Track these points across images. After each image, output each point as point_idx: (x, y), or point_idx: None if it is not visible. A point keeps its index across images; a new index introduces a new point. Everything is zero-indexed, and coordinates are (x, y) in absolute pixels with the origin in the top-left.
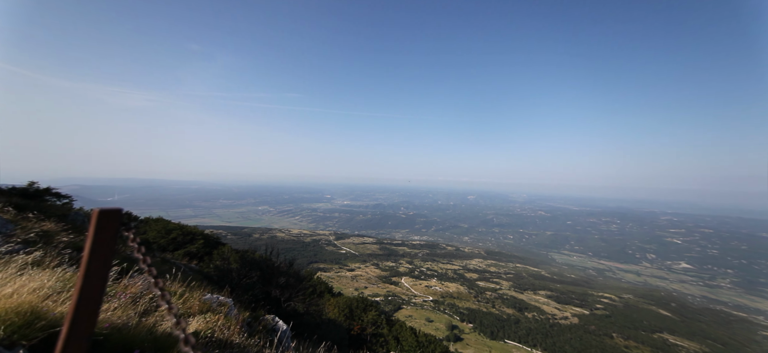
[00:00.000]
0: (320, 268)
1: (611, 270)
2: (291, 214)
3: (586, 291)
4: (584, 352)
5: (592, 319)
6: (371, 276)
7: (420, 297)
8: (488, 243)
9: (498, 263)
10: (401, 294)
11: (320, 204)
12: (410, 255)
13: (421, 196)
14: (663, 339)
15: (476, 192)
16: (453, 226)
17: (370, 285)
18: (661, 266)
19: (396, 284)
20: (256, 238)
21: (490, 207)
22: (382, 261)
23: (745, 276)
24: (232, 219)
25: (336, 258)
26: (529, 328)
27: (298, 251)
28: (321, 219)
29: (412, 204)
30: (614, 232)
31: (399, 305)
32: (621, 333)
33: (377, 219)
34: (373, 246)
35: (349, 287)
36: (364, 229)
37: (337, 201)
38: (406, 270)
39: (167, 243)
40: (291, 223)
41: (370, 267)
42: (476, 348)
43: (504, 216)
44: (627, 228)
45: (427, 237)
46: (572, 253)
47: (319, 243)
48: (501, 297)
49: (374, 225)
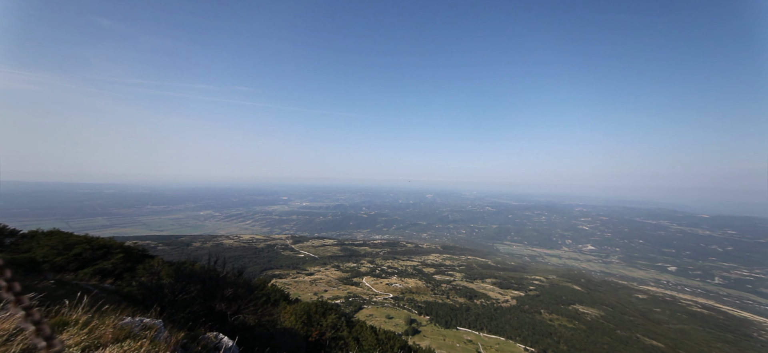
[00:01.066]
0: (276, 275)
1: (541, 255)
2: (241, 219)
3: (523, 275)
4: (519, 328)
5: (526, 300)
6: (332, 279)
7: (381, 296)
8: (444, 239)
9: (452, 256)
10: (362, 294)
11: (276, 206)
12: (372, 254)
13: (383, 196)
14: (575, 309)
15: (434, 190)
16: (413, 224)
17: (330, 288)
18: (575, 249)
19: (357, 284)
20: (197, 248)
21: (446, 204)
22: (343, 262)
23: (627, 253)
24: (165, 228)
25: (293, 262)
26: (478, 314)
27: (249, 258)
28: (277, 222)
29: (374, 204)
30: (543, 223)
31: (360, 305)
32: (547, 309)
33: (338, 220)
34: (334, 248)
35: (308, 292)
36: (325, 231)
37: (295, 203)
38: (367, 270)
39: (67, 261)
40: (241, 228)
41: (331, 270)
42: (432, 338)
43: (458, 212)
44: (552, 219)
45: (388, 235)
46: (512, 243)
47: (275, 248)
48: (454, 288)
49: (335, 226)
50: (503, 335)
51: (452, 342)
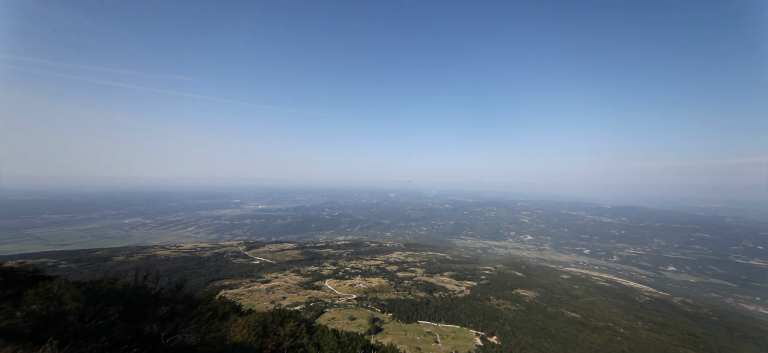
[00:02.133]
0: (225, 286)
1: (491, 247)
2: (181, 226)
3: (476, 266)
4: (472, 316)
5: (478, 289)
6: (291, 285)
7: (344, 297)
8: (407, 236)
9: (414, 253)
10: (324, 297)
11: (225, 210)
12: (335, 256)
13: (347, 196)
14: (517, 293)
15: (397, 190)
16: (377, 223)
17: (289, 294)
18: (517, 240)
19: (319, 288)
20: (120, 263)
21: (408, 203)
22: (304, 266)
23: (555, 240)
24: (72, 241)
25: (247, 270)
26: (437, 306)
27: (192, 270)
28: (227, 228)
29: (337, 205)
30: (493, 218)
31: (322, 309)
32: (495, 295)
33: (299, 222)
34: (294, 252)
35: (264, 301)
36: (284, 234)
37: (249, 206)
38: (330, 272)
39: None
40: (181, 237)
41: (290, 275)
42: (394, 334)
43: (419, 210)
44: (500, 214)
45: (352, 236)
46: (467, 237)
47: (224, 256)
48: (416, 283)
49: (296, 229)
50: (458, 323)
51: (413, 335)
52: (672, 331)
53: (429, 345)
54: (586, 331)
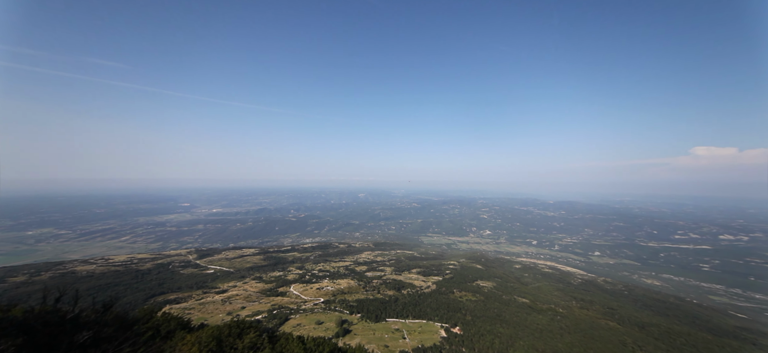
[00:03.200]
0: (170, 301)
1: (455, 243)
2: (112, 235)
3: (441, 262)
4: (438, 309)
5: (443, 283)
6: (252, 293)
7: (311, 302)
8: (376, 236)
9: (383, 252)
10: (289, 303)
11: (171, 215)
12: (301, 260)
13: (314, 197)
14: (477, 284)
15: (366, 189)
16: (346, 224)
17: (249, 303)
18: (478, 235)
19: (284, 294)
20: (20, 284)
21: (378, 203)
22: (266, 272)
23: (510, 233)
24: None
25: (199, 281)
26: (405, 303)
27: (126, 286)
28: (173, 235)
29: (304, 206)
30: (456, 215)
31: (287, 316)
32: (458, 288)
33: (261, 226)
34: (255, 258)
35: (220, 313)
36: (244, 239)
37: (201, 210)
38: (296, 277)
39: None
40: (111, 248)
41: (251, 283)
42: (362, 334)
43: (388, 210)
44: (463, 211)
45: (320, 238)
46: (434, 234)
47: (170, 267)
48: (385, 282)
49: (257, 233)
50: (425, 318)
51: (381, 334)
52: (597, 307)
53: (397, 342)
54: (534, 314)
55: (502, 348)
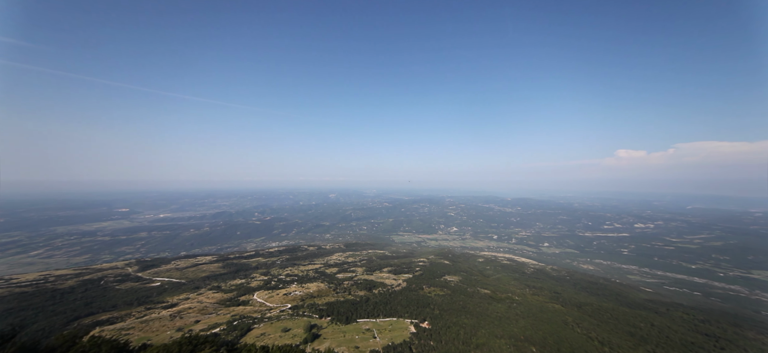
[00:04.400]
0: (102, 322)
1: (424, 241)
2: (17, 250)
3: (411, 260)
4: (408, 306)
5: (414, 280)
6: (208, 305)
7: (277, 308)
8: (347, 237)
9: (355, 253)
10: (253, 312)
11: (104, 223)
12: (266, 265)
13: (281, 198)
14: (445, 279)
15: (337, 190)
16: (316, 226)
17: (204, 316)
18: (446, 232)
19: (246, 303)
20: None
21: (349, 203)
22: (226, 281)
23: (474, 229)
24: None
25: (141, 296)
26: (376, 302)
27: (38, 309)
28: (106, 246)
29: (270, 208)
30: (426, 213)
31: (249, 326)
32: (427, 284)
33: (219, 230)
34: (213, 266)
35: (168, 330)
36: (199, 246)
37: (144, 216)
38: (260, 284)
39: None
40: (15, 265)
41: (207, 293)
42: (332, 337)
43: (360, 210)
44: (432, 209)
45: (288, 241)
46: (404, 233)
47: (102, 283)
48: (356, 282)
49: (215, 239)
50: (396, 315)
51: (352, 335)
52: (545, 292)
53: (367, 342)
54: (494, 303)
55: (466, 337)
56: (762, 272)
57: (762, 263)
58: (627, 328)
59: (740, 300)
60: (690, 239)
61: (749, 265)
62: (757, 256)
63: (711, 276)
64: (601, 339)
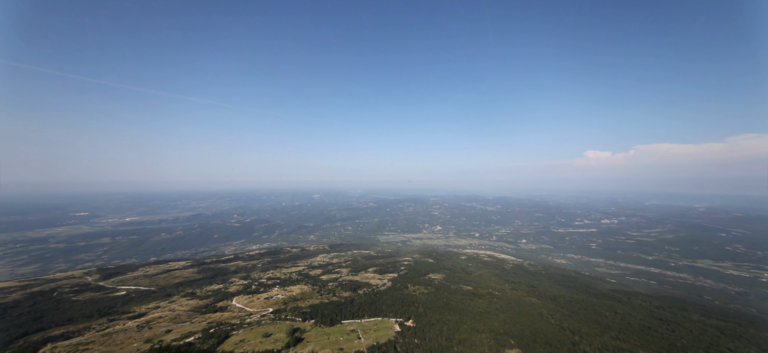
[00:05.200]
0: (55, 338)
1: (409, 240)
2: None
3: (396, 259)
4: (393, 305)
5: (399, 279)
6: (180, 313)
7: (257, 313)
8: (332, 238)
9: (340, 254)
10: (231, 319)
11: (58, 229)
12: (246, 268)
13: (262, 200)
14: (429, 277)
15: (321, 190)
16: (299, 227)
17: (177, 325)
18: (430, 231)
19: (224, 309)
20: None
21: (334, 203)
22: (201, 286)
23: (457, 228)
24: None
25: (103, 307)
26: (361, 303)
27: None
28: (60, 254)
29: (250, 210)
30: (411, 213)
31: (227, 333)
32: (411, 283)
33: (194, 234)
34: (187, 271)
35: (135, 342)
36: (172, 251)
37: (107, 220)
38: (239, 288)
39: None
40: None
41: (181, 301)
42: (316, 340)
43: (345, 210)
44: (416, 208)
45: (269, 243)
46: (390, 232)
47: (54, 294)
48: (341, 284)
49: (189, 243)
50: (381, 315)
51: (336, 337)
52: (523, 286)
53: (352, 343)
54: (476, 299)
55: (449, 333)
56: (704, 261)
57: (705, 253)
58: (594, 317)
59: (687, 286)
60: (647, 233)
61: (694, 255)
62: (700, 247)
63: (664, 266)
64: (572, 329)
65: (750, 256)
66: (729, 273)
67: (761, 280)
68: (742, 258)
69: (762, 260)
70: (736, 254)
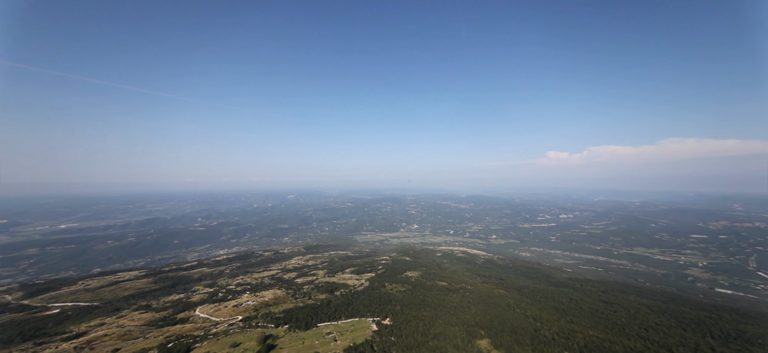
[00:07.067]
0: None
1: (387, 239)
2: None
3: (374, 259)
4: (370, 305)
5: (376, 278)
6: (132, 329)
7: (224, 323)
8: (308, 239)
9: (316, 255)
10: (193, 331)
11: None
12: (212, 275)
13: (231, 201)
14: (406, 275)
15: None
16: (273, 229)
17: (127, 342)
18: (407, 229)
19: (185, 321)
20: None
21: (310, 204)
22: (158, 298)
23: (433, 226)
24: None
25: (28, 329)
26: (338, 304)
27: None
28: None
29: (217, 212)
30: (388, 212)
31: (189, 347)
32: (389, 281)
33: (149, 240)
34: (140, 282)
35: None
36: (121, 261)
37: (35, 228)
38: (203, 297)
39: None
40: None
41: (132, 315)
42: (290, 346)
43: (321, 210)
44: (394, 208)
45: (239, 247)
46: (368, 232)
47: None
48: (317, 286)
49: (143, 251)
50: (358, 315)
51: (312, 341)
52: (493, 279)
53: (328, 346)
54: (450, 294)
55: (424, 329)
56: (639, 248)
57: (639, 241)
58: (553, 304)
59: (626, 271)
60: (597, 225)
61: (632, 244)
62: (636, 237)
63: (609, 254)
64: (535, 316)
65: (672, 243)
66: (657, 258)
67: (679, 263)
68: (667, 245)
69: (681, 245)
70: (662, 241)
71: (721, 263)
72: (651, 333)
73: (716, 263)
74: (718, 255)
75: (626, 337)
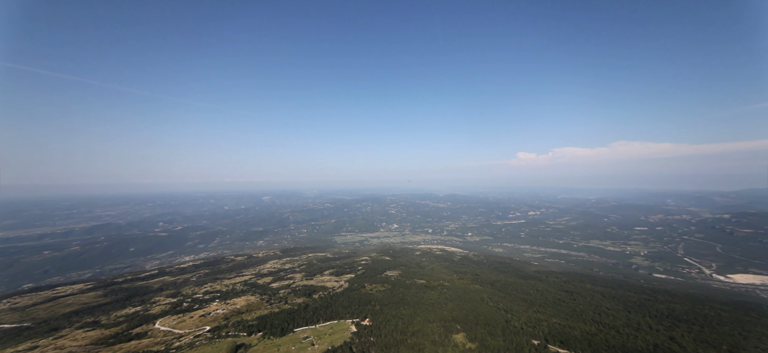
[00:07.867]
0: None
1: (367, 239)
2: None
3: (354, 259)
4: (349, 306)
5: (356, 279)
6: (75, 349)
7: (190, 335)
8: (284, 242)
9: (293, 258)
10: (152, 346)
11: None
12: (175, 284)
13: (198, 203)
14: (386, 275)
15: (272, 192)
16: (247, 233)
17: None
18: (387, 229)
19: (142, 335)
20: None
21: (287, 205)
22: (109, 312)
23: (413, 225)
24: None
25: None
26: (316, 308)
27: None
28: None
29: (182, 216)
30: (368, 212)
31: None
32: (368, 282)
33: (99, 249)
34: (86, 296)
35: None
36: (63, 273)
37: None
38: (165, 308)
39: None
40: None
41: (75, 334)
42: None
43: (299, 212)
44: (374, 208)
45: (208, 253)
46: (347, 233)
47: None
48: (294, 290)
49: (90, 261)
50: (337, 318)
51: (288, 347)
52: (469, 275)
53: (305, 351)
54: (428, 291)
55: (403, 327)
56: (594, 241)
57: (594, 234)
58: (522, 296)
59: (584, 262)
60: (559, 221)
61: (589, 237)
62: (592, 230)
63: (569, 247)
64: (506, 308)
65: (620, 235)
66: (609, 249)
67: (626, 252)
68: (616, 237)
69: (627, 237)
70: (612, 234)
71: (658, 251)
72: (603, 317)
73: (654, 251)
74: (656, 245)
75: (583, 322)
